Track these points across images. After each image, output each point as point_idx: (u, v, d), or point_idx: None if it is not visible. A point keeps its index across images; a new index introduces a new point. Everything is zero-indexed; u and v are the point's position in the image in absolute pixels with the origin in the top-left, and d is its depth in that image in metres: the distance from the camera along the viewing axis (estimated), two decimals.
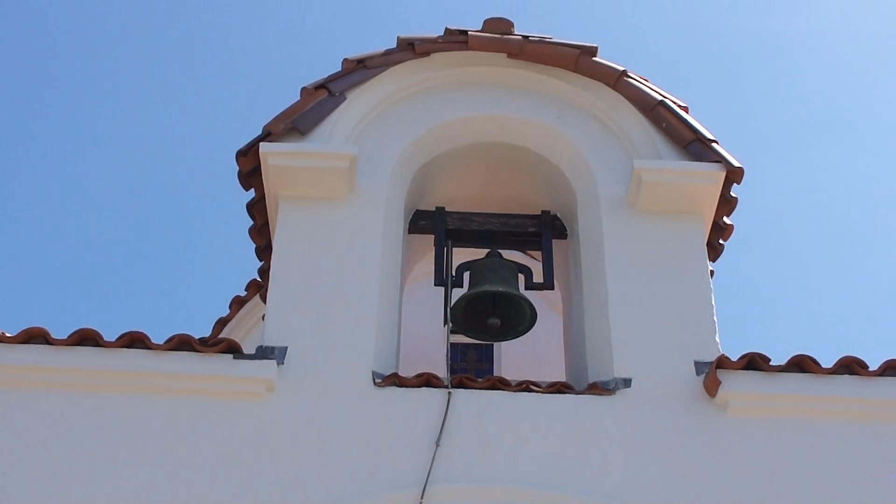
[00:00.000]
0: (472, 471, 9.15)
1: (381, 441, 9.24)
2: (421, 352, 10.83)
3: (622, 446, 9.35)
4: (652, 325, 10.02)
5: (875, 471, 9.41)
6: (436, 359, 10.15)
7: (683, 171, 10.64)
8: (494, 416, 9.42)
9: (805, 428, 9.55)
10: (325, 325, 9.85)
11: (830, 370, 9.69)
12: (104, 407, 9.41)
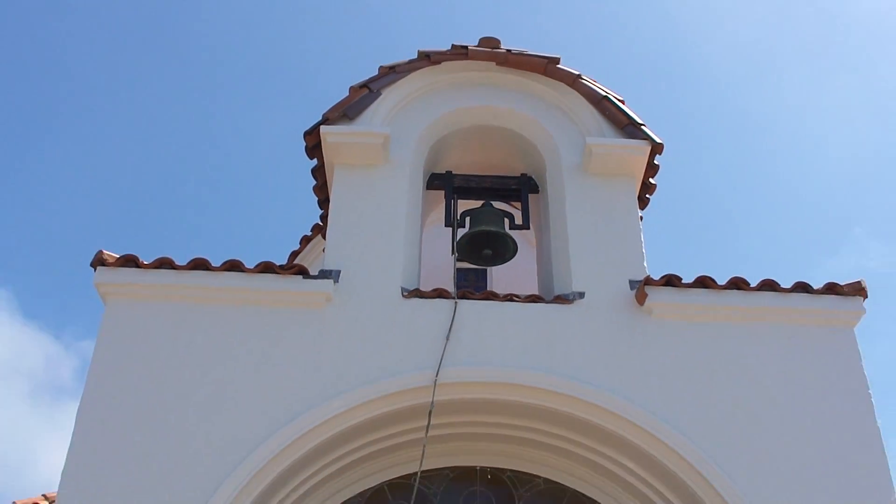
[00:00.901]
0: (472, 357, 9.36)
1: (407, 336, 9.44)
2: (435, 274, 10.97)
3: (578, 339, 9.56)
4: (599, 255, 10.20)
5: (750, 359, 9.66)
6: (446, 279, 10.28)
7: (621, 145, 10.84)
8: (488, 318, 9.64)
9: (705, 327, 9.78)
10: (367, 254, 10.05)
11: (723, 286, 9.92)
12: (212, 315, 9.62)
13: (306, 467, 9.17)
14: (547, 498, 9.91)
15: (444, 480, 9.95)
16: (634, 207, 10.79)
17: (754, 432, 9.20)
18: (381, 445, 9.53)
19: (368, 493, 9.79)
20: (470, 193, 11.44)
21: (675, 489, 9.23)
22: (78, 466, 8.76)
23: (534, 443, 9.77)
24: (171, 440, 8.90)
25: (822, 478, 9.02)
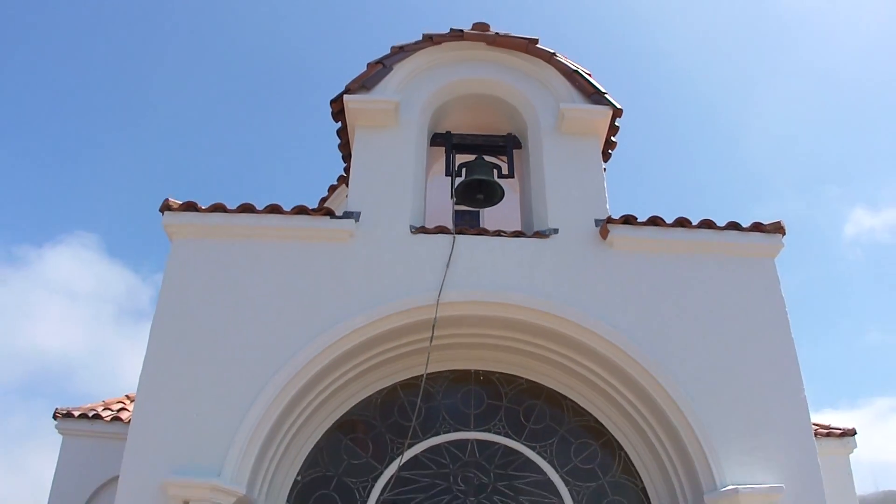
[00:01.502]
0: (467, 281, 9.40)
1: (415, 264, 9.48)
2: (437, 215, 10.92)
3: (553, 266, 9.60)
4: (570, 198, 10.17)
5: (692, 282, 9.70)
6: (446, 219, 10.23)
7: (588, 110, 10.73)
8: (480, 250, 9.64)
9: (656, 256, 9.79)
10: (382, 199, 10.01)
11: (670, 224, 9.94)
12: (257, 249, 9.64)
13: (334, 371, 9.29)
14: (528, 395, 10.03)
15: (445, 381, 10.07)
16: (599, 161, 10.70)
17: (694, 341, 9.29)
18: (394, 353, 9.64)
19: (384, 391, 9.93)
20: (465, 149, 11.33)
21: (630, 386, 9.36)
22: (152, 372, 8.93)
23: (517, 350, 9.87)
24: (226, 349, 9.01)
25: (747, 378, 9.15)
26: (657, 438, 9.35)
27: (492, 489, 9.53)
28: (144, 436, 8.62)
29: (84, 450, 11.51)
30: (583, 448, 9.79)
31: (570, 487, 9.57)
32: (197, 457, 8.48)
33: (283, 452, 9.30)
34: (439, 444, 9.72)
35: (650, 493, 9.60)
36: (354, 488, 9.50)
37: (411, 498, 9.45)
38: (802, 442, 8.89)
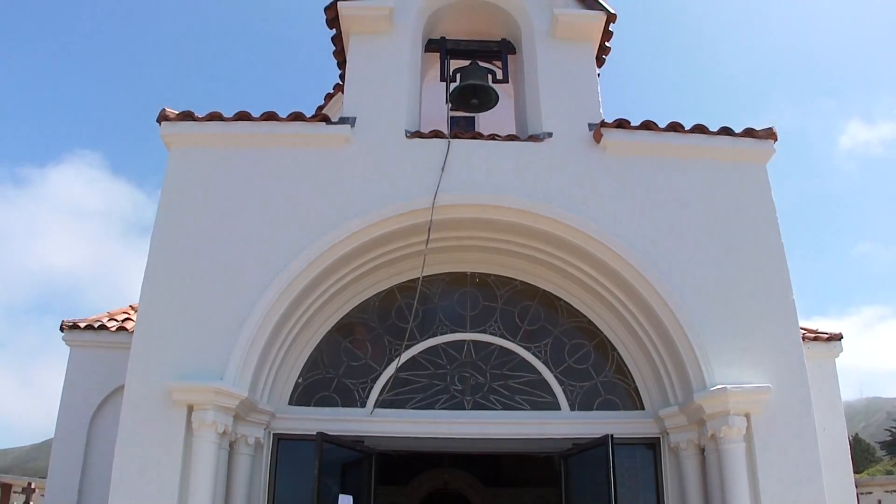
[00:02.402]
0: (462, 184, 9.39)
1: (410, 168, 9.48)
2: (432, 121, 10.77)
3: (547, 170, 9.58)
4: (564, 102, 10.07)
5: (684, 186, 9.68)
6: (441, 123, 10.17)
7: (582, 15, 10.54)
8: (475, 153, 9.59)
9: (649, 161, 9.75)
10: (377, 104, 9.92)
11: (663, 129, 9.86)
12: (254, 156, 9.61)
13: (332, 274, 9.37)
14: (522, 296, 10.14)
15: (441, 283, 10.17)
16: (593, 65, 10.59)
17: (686, 244, 9.36)
18: (391, 256, 9.70)
19: (382, 293, 10.03)
20: (460, 55, 11.18)
21: (623, 287, 9.45)
22: (153, 280, 9.02)
23: (512, 253, 9.93)
24: (225, 256, 9.09)
25: (737, 281, 9.25)
26: (649, 339, 9.48)
27: (488, 389, 9.72)
28: (148, 343, 8.75)
29: (91, 360, 11.62)
30: (576, 348, 9.95)
31: (563, 387, 9.74)
32: (200, 362, 8.62)
33: (284, 356, 9.45)
34: (436, 345, 9.88)
35: (642, 393, 9.78)
36: (354, 389, 9.66)
37: (410, 398, 9.63)
38: (790, 344, 9.02)
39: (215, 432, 8.41)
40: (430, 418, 9.49)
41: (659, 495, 9.43)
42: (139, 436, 8.37)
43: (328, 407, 9.56)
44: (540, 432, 9.55)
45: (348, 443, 9.10)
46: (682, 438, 9.23)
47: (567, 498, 9.53)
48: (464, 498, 19.44)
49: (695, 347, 8.88)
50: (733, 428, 8.50)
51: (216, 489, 8.44)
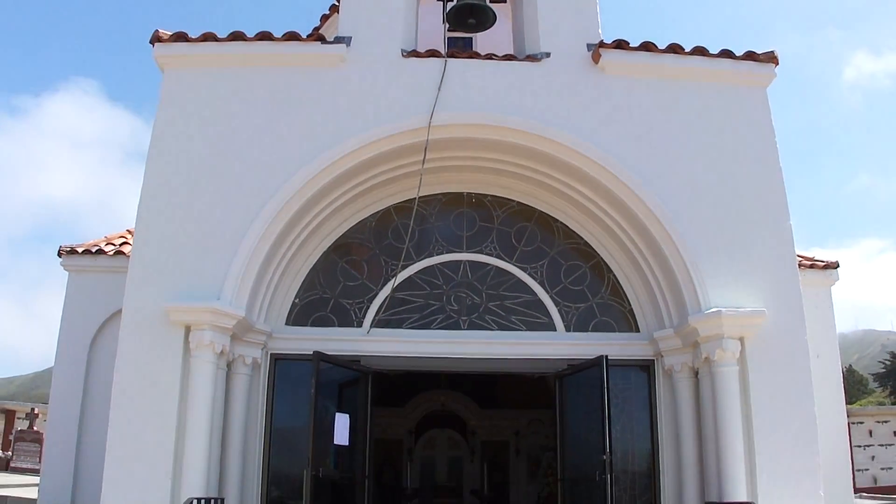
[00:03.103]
0: (458, 104, 9.27)
1: (406, 88, 9.36)
2: (430, 38, 10.56)
3: (544, 90, 9.45)
4: (562, 22, 9.82)
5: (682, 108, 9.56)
6: (438, 43, 9.94)
7: None
8: (472, 73, 9.45)
9: (648, 82, 9.60)
10: (372, 23, 9.69)
11: (662, 50, 9.68)
12: (249, 76, 9.48)
13: (328, 194, 9.35)
14: (519, 217, 10.11)
15: (438, 203, 10.13)
16: None
17: (684, 167, 9.29)
18: (387, 176, 9.64)
19: (378, 214, 10.01)
20: None
21: (620, 209, 9.41)
22: (149, 202, 8.98)
23: (509, 173, 9.86)
24: (221, 176, 9.05)
25: (734, 205, 9.21)
26: (645, 262, 9.48)
27: (484, 309, 9.75)
28: (145, 265, 8.75)
29: (89, 285, 11.61)
30: (572, 270, 9.95)
31: (559, 308, 9.77)
32: (197, 283, 8.63)
33: (281, 276, 9.46)
34: (432, 266, 9.88)
35: (637, 315, 9.81)
36: (350, 309, 9.69)
37: (406, 318, 9.67)
38: (786, 269, 9.02)
39: (213, 352, 8.46)
40: (426, 338, 9.54)
41: (652, 417, 9.52)
42: (138, 357, 8.44)
43: (325, 327, 9.60)
44: (535, 352, 9.60)
45: (345, 362, 9.15)
46: (677, 361, 9.28)
47: (561, 418, 9.62)
48: (460, 419, 19.70)
49: (690, 270, 8.89)
50: (727, 351, 8.55)
51: (214, 408, 8.52)
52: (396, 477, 18.73)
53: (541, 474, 19.01)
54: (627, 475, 9.45)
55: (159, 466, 8.14)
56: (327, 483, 8.74)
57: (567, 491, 9.40)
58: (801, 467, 8.41)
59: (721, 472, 8.41)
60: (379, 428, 10.88)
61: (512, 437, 19.77)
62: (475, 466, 19.16)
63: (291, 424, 9.27)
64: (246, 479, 9.05)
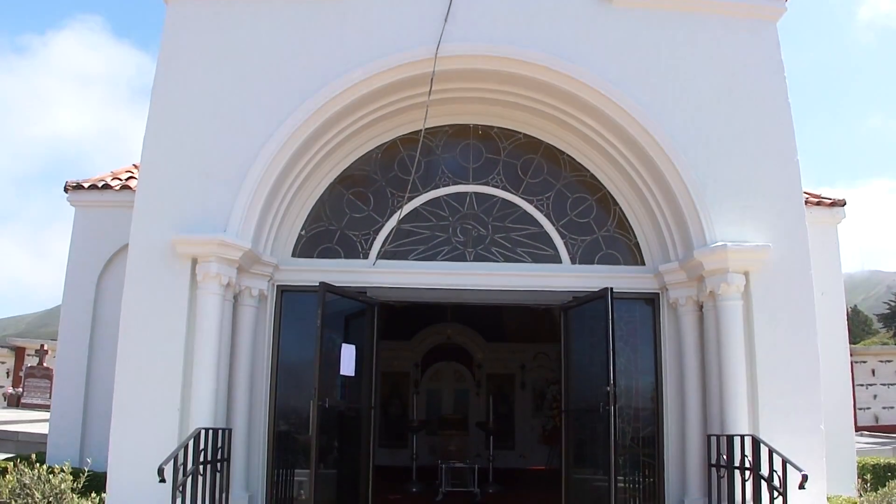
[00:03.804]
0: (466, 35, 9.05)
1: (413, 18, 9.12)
2: None
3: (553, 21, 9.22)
4: None
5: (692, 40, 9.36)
6: None
7: None
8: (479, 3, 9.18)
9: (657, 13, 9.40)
10: None
11: None
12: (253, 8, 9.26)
13: (334, 126, 9.29)
14: (526, 149, 10.04)
15: (444, 135, 10.06)
16: None
17: (691, 100, 9.17)
18: (393, 108, 9.55)
19: (384, 146, 9.96)
20: None
21: (627, 142, 9.33)
22: (155, 135, 8.94)
23: (515, 105, 9.76)
24: (226, 108, 8.97)
25: (742, 139, 9.12)
26: (651, 195, 9.43)
27: (489, 241, 9.75)
28: (151, 197, 8.75)
29: (96, 220, 11.57)
30: (579, 202, 9.92)
31: (565, 240, 9.77)
32: (203, 215, 8.64)
33: (287, 208, 9.45)
34: (438, 197, 9.86)
35: (643, 248, 9.80)
36: (357, 241, 9.70)
37: (412, 249, 9.68)
38: (792, 205, 8.98)
39: (219, 284, 8.50)
40: (431, 269, 9.56)
41: (656, 350, 9.57)
42: (145, 290, 8.47)
43: (331, 259, 9.63)
44: (541, 284, 9.62)
45: (351, 293, 9.18)
46: (681, 294, 9.30)
47: (566, 351, 9.67)
48: (466, 352, 19.84)
49: (697, 204, 8.86)
50: (732, 285, 8.58)
51: (221, 340, 8.59)
52: (402, 409, 18.95)
53: (545, 407, 19.23)
54: (631, 407, 9.52)
55: (168, 398, 8.23)
56: (334, 413, 8.85)
57: (571, 422, 9.49)
58: (802, 403, 8.47)
59: (723, 406, 8.49)
60: (385, 361, 10.95)
61: (517, 371, 19.94)
62: (481, 399, 19.35)
63: (298, 356, 9.32)
64: (253, 410, 9.16)
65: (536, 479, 16.20)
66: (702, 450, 8.87)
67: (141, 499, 7.54)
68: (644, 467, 9.42)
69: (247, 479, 9.00)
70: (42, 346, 28.92)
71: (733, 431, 8.25)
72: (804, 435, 8.32)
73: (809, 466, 7.06)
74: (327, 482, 8.73)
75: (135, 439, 8.08)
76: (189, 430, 7.90)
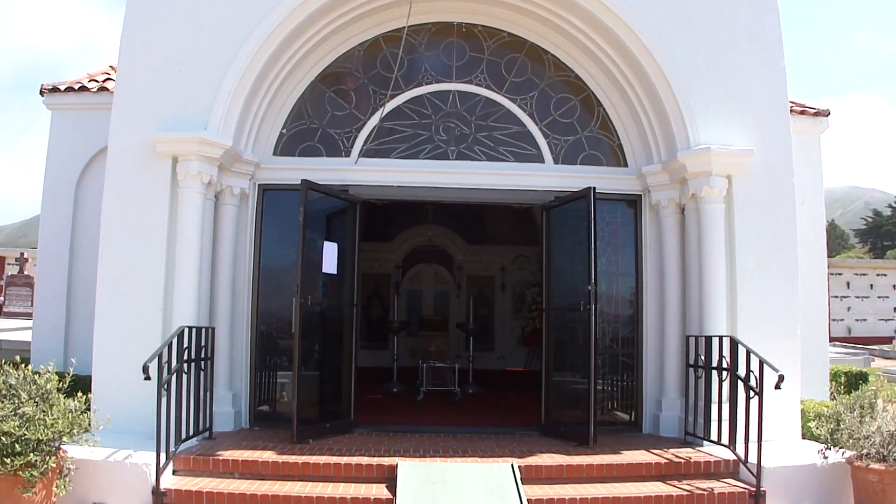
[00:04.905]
0: None
1: None
2: None
3: None
4: None
5: None
6: None
7: None
8: None
9: None
10: None
11: None
12: None
13: (316, 22, 9.10)
14: (510, 48, 9.87)
15: (427, 33, 9.85)
16: None
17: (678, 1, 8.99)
18: (376, 4, 9.34)
19: (367, 43, 9.75)
20: None
21: (612, 42, 9.22)
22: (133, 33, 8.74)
23: (501, 3, 9.53)
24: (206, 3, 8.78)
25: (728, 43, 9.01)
26: (636, 97, 9.34)
27: (472, 139, 9.66)
28: (130, 96, 8.59)
29: (73, 123, 11.38)
30: (562, 102, 9.80)
31: (548, 140, 9.69)
32: (183, 113, 8.51)
33: (268, 105, 9.30)
34: (421, 95, 9.72)
35: (626, 149, 9.74)
36: (339, 139, 9.59)
37: (394, 147, 9.58)
38: (777, 111, 8.93)
39: (200, 182, 8.42)
40: (414, 168, 9.48)
41: (637, 252, 9.63)
42: (125, 190, 8.40)
43: (313, 157, 9.52)
44: (523, 184, 9.58)
45: (333, 191, 9.10)
46: (664, 197, 9.31)
47: (548, 251, 9.68)
48: (446, 254, 19.95)
49: (681, 106, 8.80)
50: (714, 188, 8.60)
51: (203, 239, 8.56)
52: (384, 311, 19.11)
53: (525, 309, 19.47)
54: (611, 308, 9.60)
55: (150, 299, 8.23)
56: (316, 312, 8.86)
57: (551, 321, 9.56)
58: (780, 307, 8.60)
59: (702, 308, 8.59)
60: (366, 263, 10.97)
61: (498, 273, 20.12)
62: (461, 301, 19.54)
63: (280, 257, 9.30)
64: (236, 311, 9.18)
65: (515, 380, 16.50)
66: (680, 351, 9.00)
67: (126, 398, 7.61)
68: (623, 368, 9.56)
69: (230, 379, 9.06)
70: (22, 254, 28.83)
71: (712, 333, 8.35)
72: (781, 339, 8.46)
73: (785, 369, 7.16)
74: (310, 383, 8.80)
75: (118, 340, 8.11)
76: (172, 330, 7.90)
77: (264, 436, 8.53)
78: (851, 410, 7.31)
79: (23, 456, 6.09)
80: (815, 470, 7.30)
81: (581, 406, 8.57)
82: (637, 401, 9.48)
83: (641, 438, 8.95)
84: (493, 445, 8.33)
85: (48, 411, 6.39)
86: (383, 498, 6.79)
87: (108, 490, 6.81)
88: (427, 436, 8.83)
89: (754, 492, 7.09)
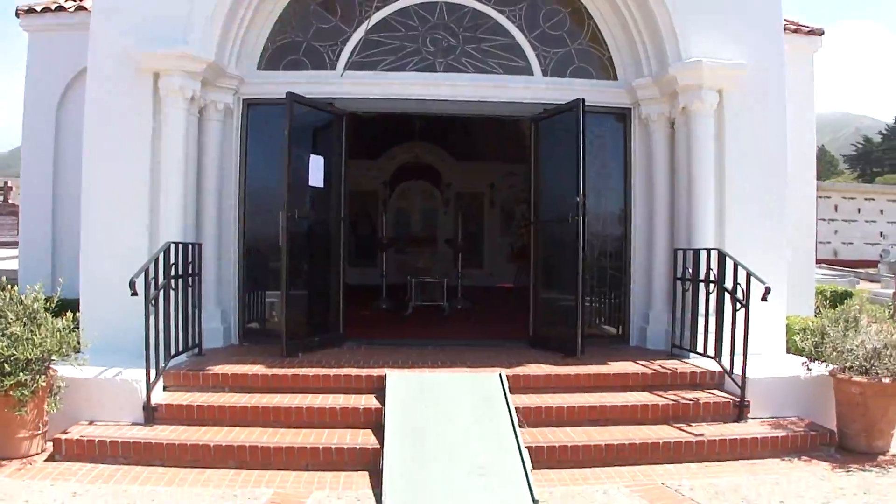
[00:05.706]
0: None
1: None
2: None
3: None
4: None
5: None
6: None
7: None
8: None
9: None
10: None
11: None
12: None
13: None
14: None
15: None
16: None
17: None
18: None
19: None
20: None
21: None
22: None
23: None
24: None
25: None
26: (627, 9, 9.18)
27: (460, 51, 9.48)
28: (108, 12, 8.36)
29: (51, 45, 11.15)
30: (552, 14, 9.61)
31: (537, 52, 9.52)
32: (163, 27, 8.28)
33: (251, 18, 9.09)
34: (408, 7, 9.47)
35: (616, 63, 9.60)
36: (324, 52, 9.41)
37: (380, 60, 9.40)
38: (770, 25, 8.81)
39: (183, 98, 8.29)
40: (400, 80, 9.32)
41: (626, 166, 9.58)
42: (107, 108, 8.26)
43: (298, 70, 9.34)
44: (511, 96, 9.42)
45: (319, 104, 8.94)
46: (653, 111, 9.23)
47: (536, 163, 9.58)
48: (435, 171, 19.87)
49: (673, 18, 8.67)
50: (705, 102, 8.53)
51: (188, 155, 8.46)
52: (372, 229, 19.07)
53: (514, 226, 19.48)
54: (599, 222, 9.59)
55: (136, 217, 8.19)
56: (303, 227, 8.80)
57: (540, 233, 9.52)
58: (768, 222, 8.63)
59: (691, 221, 8.60)
60: (354, 181, 10.84)
61: (487, 190, 20.08)
62: (449, 218, 19.52)
63: (266, 173, 9.13)
64: (223, 228, 9.15)
65: (504, 296, 16.60)
66: (668, 265, 9.04)
67: (114, 315, 7.56)
68: (612, 282, 9.59)
69: (218, 296, 9.06)
70: (6, 182, 28.56)
71: (700, 245, 8.37)
72: (768, 253, 8.47)
73: (772, 283, 7.17)
74: (299, 296, 8.79)
75: (105, 258, 8.07)
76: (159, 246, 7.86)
77: (254, 351, 8.59)
78: (836, 324, 7.34)
79: (13, 376, 6.11)
80: (798, 382, 7.40)
81: (569, 318, 8.59)
82: (625, 314, 9.54)
83: (629, 351, 9.05)
84: (481, 357, 8.41)
85: (36, 331, 6.38)
86: (373, 408, 6.87)
87: (100, 407, 6.85)
88: (416, 349, 8.89)
89: (738, 402, 7.23)
